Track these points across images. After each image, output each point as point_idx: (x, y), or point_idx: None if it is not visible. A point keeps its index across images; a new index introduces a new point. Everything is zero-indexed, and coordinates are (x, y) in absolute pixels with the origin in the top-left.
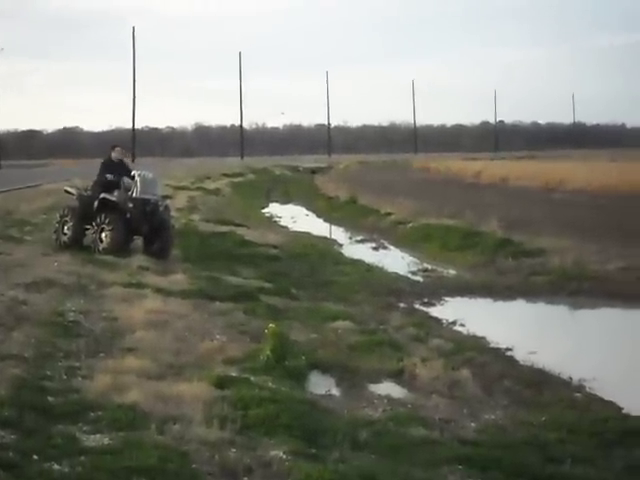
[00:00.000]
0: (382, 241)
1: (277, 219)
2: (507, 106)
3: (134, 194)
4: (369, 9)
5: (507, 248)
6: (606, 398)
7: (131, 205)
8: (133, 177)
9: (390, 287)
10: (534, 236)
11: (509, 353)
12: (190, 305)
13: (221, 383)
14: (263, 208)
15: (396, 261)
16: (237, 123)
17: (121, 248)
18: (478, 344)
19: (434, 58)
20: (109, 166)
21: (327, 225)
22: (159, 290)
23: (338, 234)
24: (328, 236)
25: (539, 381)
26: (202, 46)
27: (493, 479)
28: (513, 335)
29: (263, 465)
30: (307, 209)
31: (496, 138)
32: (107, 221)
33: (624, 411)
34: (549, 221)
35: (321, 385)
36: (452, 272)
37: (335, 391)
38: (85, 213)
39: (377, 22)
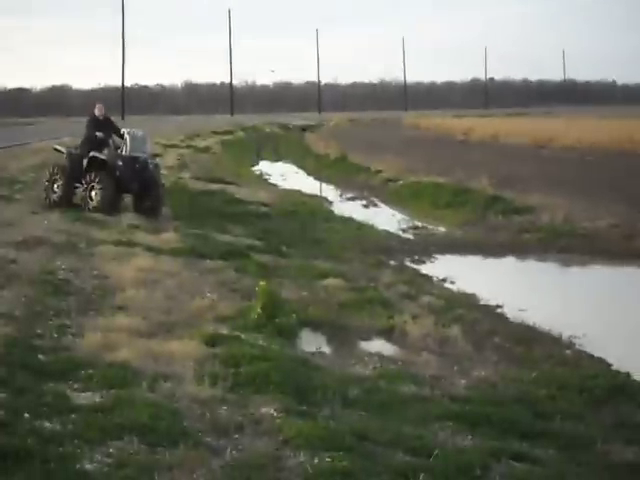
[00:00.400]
0: (372, 199)
1: (267, 177)
2: (497, 63)
3: (123, 152)
4: None
5: (497, 205)
6: (596, 355)
7: (120, 163)
8: (122, 135)
9: (380, 245)
10: (524, 193)
11: (499, 310)
12: (181, 263)
13: (212, 341)
14: (253, 166)
15: (386, 219)
16: (227, 80)
17: (111, 206)
18: (468, 301)
19: (424, 15)
20: (96, 124)
21: (317, 183)
22: (149, 248)
23: (328, 192)
24: (318, 194)
25: (529, 338)
26: (192, 3)
27: (483, 435)
28: (503, 292)
29: (254, 422)
30: (297, 167)
31: (486, 95)
32: (97, 179)
33: (613, 367)
34: (539, 178)
35: (312, 343)
36: (442, 230)
37: (326, 348)
38: (74, 171)
39: None
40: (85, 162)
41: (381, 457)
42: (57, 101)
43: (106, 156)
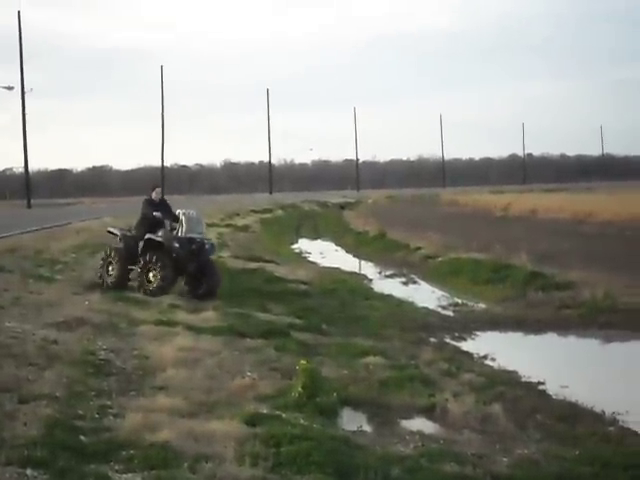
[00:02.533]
0: (412, 276)
1: (306, 255)
2: (535, 139)
3: (179, 233)
4: (395, 45)
5: (537, 281)
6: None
7: (177, 245)
8: (177, 217)
9: (420, 322)
10: (564, 269)
11: (541, 387)
12: (221, 342)
13: (253, 420)
14: (292, 244)
15: (426, 295)
16: (265, 159)
17: (169, 288)
18: (510, 378)
19: (462, 92)
20: (152, 205)
21: (356, 260)
22: (190, 327)
23: (367, 269)
24: (358, 271)
25: (572, 415)
26: (230, 82)
27: None
28: (545, 369)
29: None
30: (336, 244)
31: (524, 170)
32: (154, 260)
33: None
34: (579, 253)
35: (353, 421)
36: (482, 306)
37: (367, 427)
38: (130, 254)
39: (404, 57)
40: (141, 244)
41: None
42: (97, 182)
43: (162, 237)
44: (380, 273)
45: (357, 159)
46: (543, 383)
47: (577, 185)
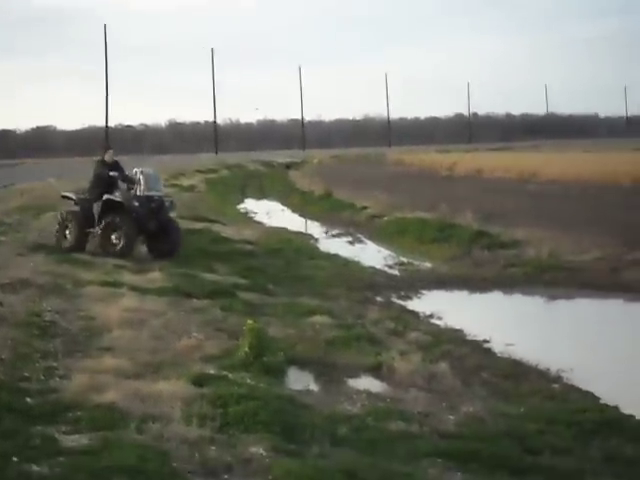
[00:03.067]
0: (358, 235)
1: (252, 215)
2: (480, 98)
3: (137, 192)
4: (340, 3)
5: (482, 240)
6: (584, 388)
7: (137, 203)
8: (130, 178)
9: (367, 281)
10: (509, 228)
11: (486, 345)
12: (166, 303)
13: (199, 381)
14: (238, 204)
15: (372, 255)
16: (211, 119)
17: (134, 248)
18: (455, 337)
19: (407, 51)
20: (105, 167)
21: (302, 220)
22: (135, 288)
23: (314, 229)
24: (304, 231)
25: (517, 373)
26: (174, 42)
27: (473, 471)
28: (490, 327)
29: (243, 462)
30: (282, 204)
31: (470, 130)
32: (116, 222)
33: (602, 401)
34: (524, 212)
35: (299, 381)
36: (428, 265)
37: (313, 386)
38: (86, 217)
39: (348, 16)
40: (97, 206)
41: None
42: (41, 142)
43: (122, 197)
44: (326, 233)
45: (302, 119)
46: (489, 341)
47: (522, 144)
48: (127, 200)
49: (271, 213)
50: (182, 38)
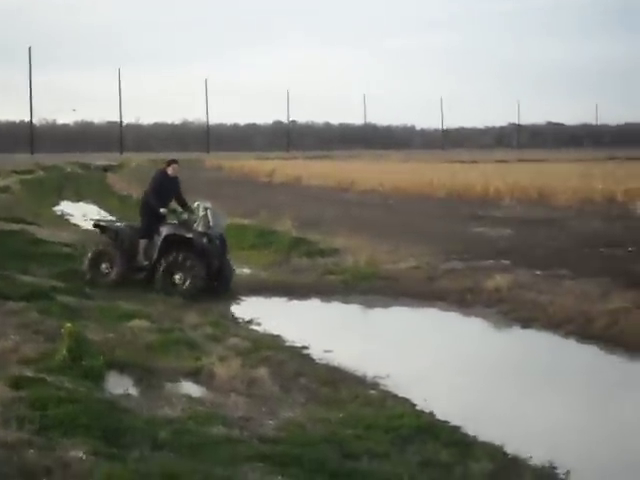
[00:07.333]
0: None
1: (69, 217)
2: (300, 106)
3: (199, 227)
4: (162, 7)
5: (301, 247)
6: (400, 395)
7: (206, 241)
8: (185, 205)
9: None
10: (328, 235)
11: (305, 351)
12: None
13: (17, 384)
14: (54, 206)
15: None
16: (26, 119)
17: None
18: (275, 342)
19: (227, 57)
20: (164, 184)
21: None
22: None
23: None
24: None
25: (335, 379)
26: None
27: (293, 476)
28: (309, 334)
29: (63, 466)
30: (99, 207)
31: (288, 137)
32: (181, 260)
33: (417, 407)
34: (342, 220)
35: (119, 385)
36: (247, 271)
37: (133, 390)
38: (133, 249)
39: (170, 19)
40: (160, 240)
41: None
42: None
43: (192, 234)
44: None
45: (121, 121)
46: (307, 347)
47: (341, 153)
48: (197, 238)
49: (88, 216)
50: None
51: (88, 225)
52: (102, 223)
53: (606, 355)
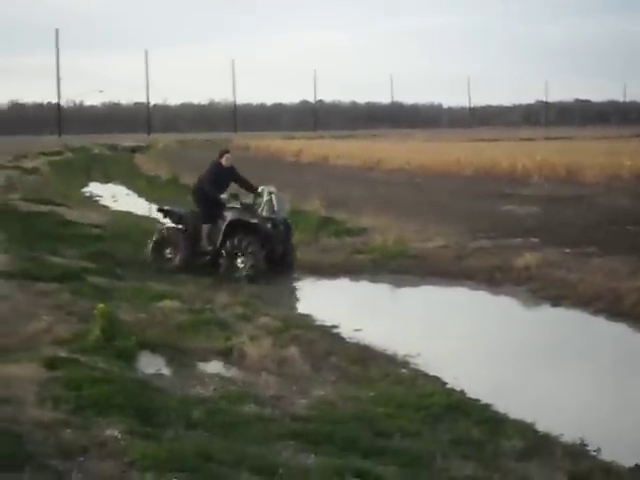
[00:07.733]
0: None
1: (98, 198)
2: (326, 86)
3: (264, 212)
4: None
5: (330, 226)
6: (430, 373)
7: (270, 227)
8: (252, 189)
9: None
10: (355, 215)
11: (335, 331)
12: (14, 286)
13: (52, 364)
14: (83, 187)
15: None
16: (54, 101)
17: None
18: (304, 322)
19: (255, 37)
20: (219, 174)
21: (149, 204)
22: None
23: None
24: (150, 215)
25: (365, 358)
26: (16, 21)
27: (325, 454)
28: (338, 313)
29: (98, 445)
30: (128, 188)
31: (315, 117)
32: (245, 245)
33: (448, 386)
34: (369, 200)
35: (151, 365)
36: None
37: (165, 370)
38: (196, 234)
39: (198, 2)
40: (224, 224)
41: (226, 477)
42: None
43: (257, 219)
44: None
45: (148, 102)
46: (337, 326)
47: (367, 132)
48: (262, 223)
49: (117, 197)
50: (25, 17)
51: (118, 206)
52: (166, 208)
53: (635, 332)
